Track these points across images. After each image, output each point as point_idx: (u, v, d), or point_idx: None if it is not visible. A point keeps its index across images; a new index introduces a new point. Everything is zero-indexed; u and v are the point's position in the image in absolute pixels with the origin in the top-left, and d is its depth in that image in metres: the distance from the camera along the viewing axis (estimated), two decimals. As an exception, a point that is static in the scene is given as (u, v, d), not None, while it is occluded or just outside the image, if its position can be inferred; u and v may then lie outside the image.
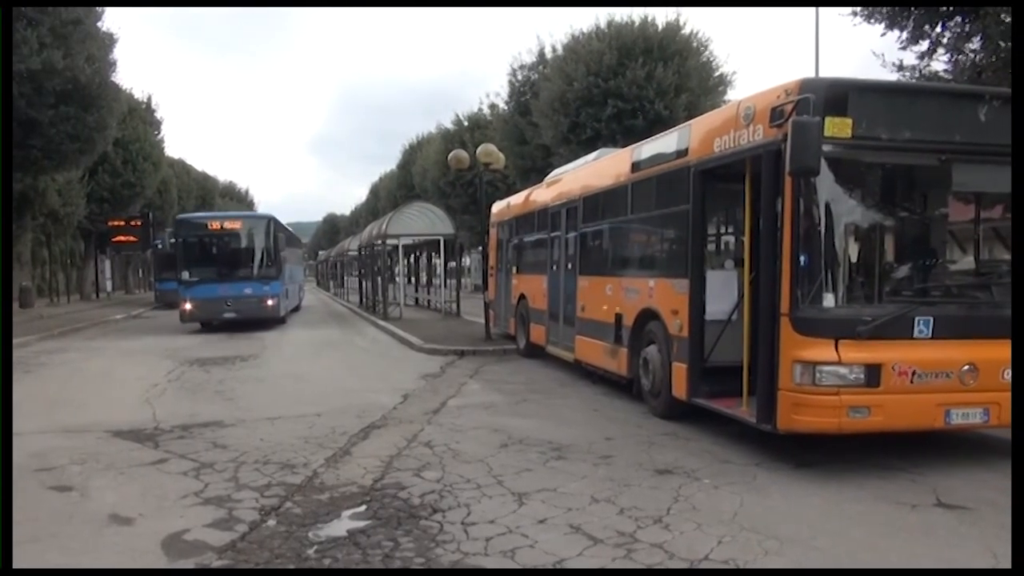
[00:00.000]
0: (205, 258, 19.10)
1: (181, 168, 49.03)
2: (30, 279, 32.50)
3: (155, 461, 6.26)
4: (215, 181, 60.17)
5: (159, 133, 37.12)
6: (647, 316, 7.96)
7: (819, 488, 5.39)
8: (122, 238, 37.38)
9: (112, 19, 20.75)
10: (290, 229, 26.89)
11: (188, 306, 18.63)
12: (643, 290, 8.08)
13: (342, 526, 4.67)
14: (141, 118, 34.43)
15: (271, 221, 19.74)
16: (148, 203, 37.05)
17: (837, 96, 5.54)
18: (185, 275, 18.69)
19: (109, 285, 44.03)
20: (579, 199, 10.27)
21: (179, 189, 44.11)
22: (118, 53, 21.31)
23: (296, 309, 26.76)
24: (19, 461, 6.25)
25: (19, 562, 4.05)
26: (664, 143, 7.87)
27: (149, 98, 37.11)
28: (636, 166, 8.43)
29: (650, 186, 8.11)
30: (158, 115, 37.41)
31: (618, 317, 8.68)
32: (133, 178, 33.52)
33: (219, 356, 13.54)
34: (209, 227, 19.36)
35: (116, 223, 35.74)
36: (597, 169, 10.05)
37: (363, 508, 4.98)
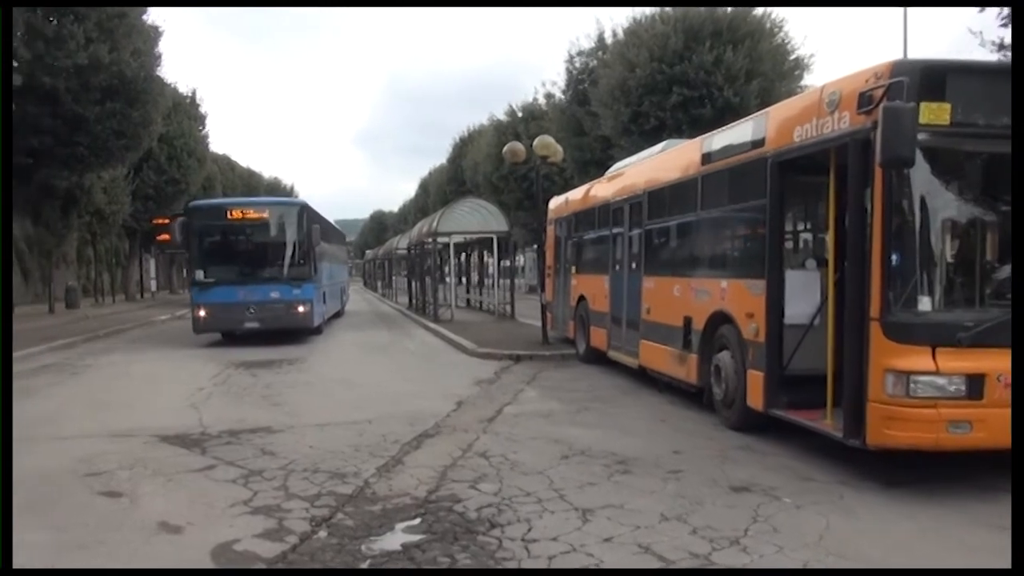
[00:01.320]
0: (223, 254, 16.74)
1: (226, 164, 50.45)
2: (75, 279, 33.84)
3: (203, 468, 6.41)
4: (260, 177, 61.67)
5: (203, 128, 38.23)
6: (719, 319, 7.83)
7: (913, 510, 5.21)
8: (165, 236, 38.60)
9: (155, 11, 21.28)
10: (329, 220, 24.10)
11: (202, 313, 16.23)
12: (715, 291, 7.95)
13: (396, 540, 4.70)
14: (186, 113, 35.53)
15: (303, 209, 17.17)
16: (192, 200, 38.21)
17: (933, 79, 5.34)
18: (199, 275, 16.38)
19: (153, 285, 45.50)
20: (643, 194, 10.17)
21: (224, 185, 45.35)
22: (162, 46, 22.06)
23: (338, 314, 24.86)
24: (67, 465, 6.52)
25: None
26: (738, 133, 7.73)
27: (193, 92, 38.26)
28: (707, 158, 8.31)
29: (722, 179, 7.99)
30: (202, 110, 38.56)
31: (687, 320, 8.56)
32: (178, 175, 34.61)
33: (265, 359, 13.84)
34: (228, 216, 16.68)
35: (160, 221, 36.93)
36: (663, 161, 9.94)
37: (417, 521, 5.00)
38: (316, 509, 5.25)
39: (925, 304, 5.37)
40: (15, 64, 17.56)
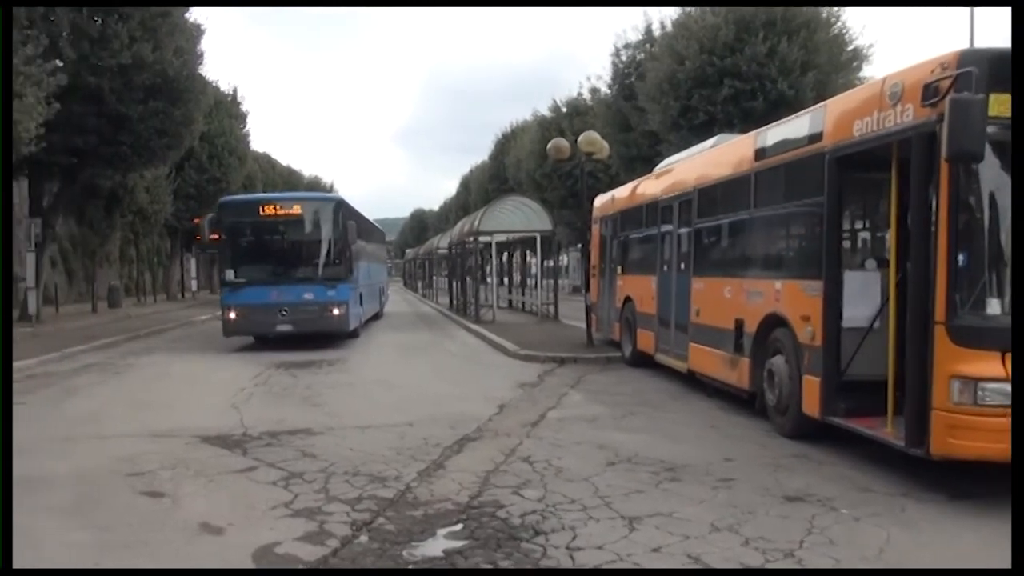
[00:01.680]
0: (255, 252, 16.33)
1: (266, 162, 51.33)
2: (118, 278, 34.76)
3: (244, 469, 6.53)
4: (300, 175, 62.58)
5: (244, 126, 38.93)
6: (773, 322, 7.72)
7: (979, 523, 5.07)
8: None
9: (197, 9, 21.69)
10: (367, 217, 23.58)
11: (232, 315, 15.84)
12: (768, 293, 7.84)
13: (437, 546, 4.73)
14: (227, 111, 36.22)
15: (339, 205, 16.74)
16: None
17: (1004, 69, 5.19)
18: (229, 275, 16.00)
19: (194, 284, 46.49)
20: (693, 191, 10.08)
21: (264, 184, 46.12)
22: (204, 44, 22.53)
23: (377, 316, 24.44)
24: (109, 465, 6.70)
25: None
26: (794, 127, 7.61)
27: (234, 90, 38.97)
28: (761, 153, 8.20)
29: (777, 175, 7.88)
30: (243, 107, 39.24)
31: (738, 323, 8.46)
32: (219, 173, 35.29)
33: (305, 360, 14.04)
34: (260, 212, 16.12)
35: (200, 221, 37.76)
36: (715, 157, 9.84)
37: (459, 527, 5.02)
38: (357, 513, 5.31)
39: (994, 307, 5.23)
40: (60, 64, 18.11)
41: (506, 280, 34.10)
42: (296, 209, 16.33)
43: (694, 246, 10.05)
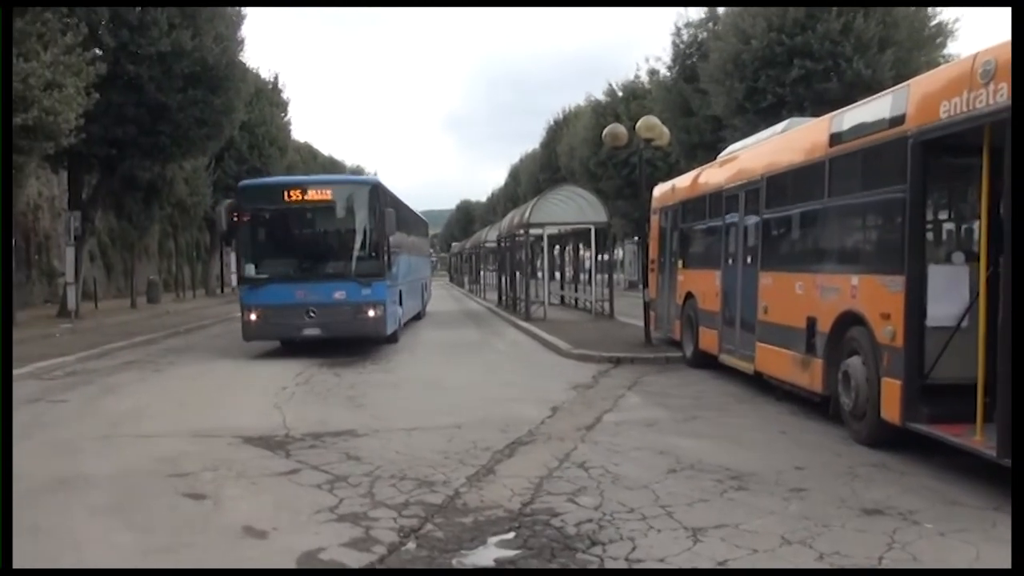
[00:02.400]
0: (279, 244, 15.24)
1: (307, 153, 52.15)
2: (157, 273, 35.65)
3: (287, 471, 6.64)
4: (342, 165, 63.45)
5: (285, 115, 39.62)
6: (848, 320, 7.57)
7: (1082, 543, 4.88)
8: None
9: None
10: (408, 206, 22.22)
11: (253, 316, 14.65)
12: (844, 289, 7.69)
13: (488, 555, 4.75)
14: (267, 99, 36.90)
15: (376, 189, 15.21)
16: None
17: (1111, 42, 4.98)
18: (249, 270, 14.83)
19: (234, 279, 47.40)
20: (761, 179, 9.94)
21: (305, 175, 46.86)
22: (244, 31, 22.96)
23: (418, 316, 23.21)
24: (150, 465, 6.88)
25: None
26: (873, 109, 7.43)
27: (275, 77, 39.69)
28: (836, 138, 8.04)
29: (854, 162, 7.72)
30: (284, 95, 39.92)
31: (811, 321, 8.32)
32: (259, 164, 35.97)
33: (348, 358, 14.22)
34: (285, 198, 14.84)
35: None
36: (785, 143, 9.70)
37: (511, 535, 5.03)
38: (404, 519, 5.35)
39: (1098, 304, 5.02)
40: (99, 52, 18.67)
41: (558, 275, 34.05)
42: (326, 194, 15.11)
43: (762, 238, 9.91)
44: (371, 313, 14.69)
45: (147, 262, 37.13)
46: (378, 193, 15.08)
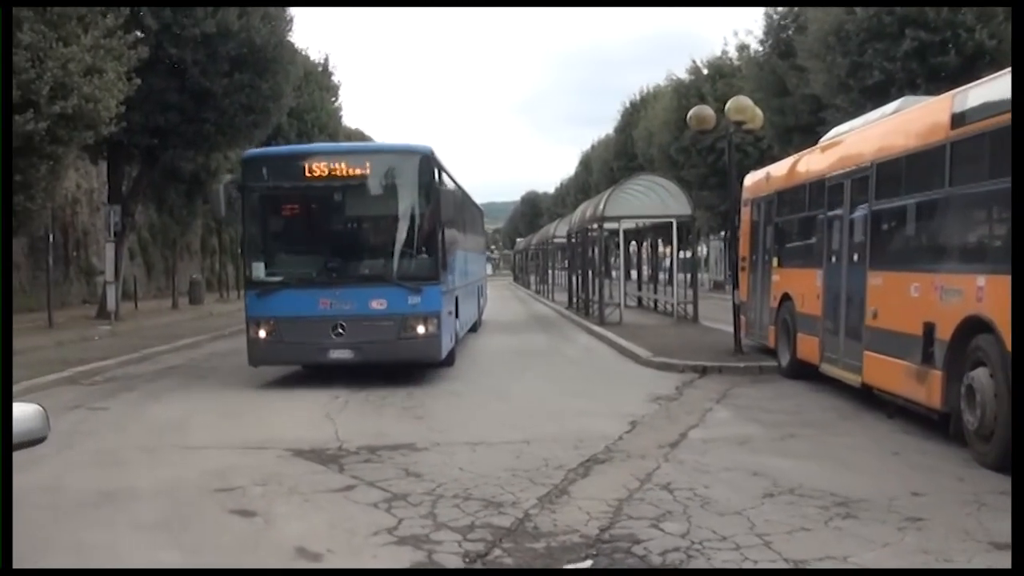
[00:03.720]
0: (296, 236, 13.04)
1: (359, 140, 52.79)
2: (199, 271, 36.62)
3: (341, 488, 6.75)
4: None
5: (336, 100, 40.20)
6: (973, 327, 7.36)
7: None
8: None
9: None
10: (463, 187, 18.72)
11: (261, 332, 12.17)
12: (968, 291, 7.47)
13: (564, 584, 4.73)
14: (317, 83, 37.51)
15: (428, 161, 12.41)
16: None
17: None
18: (257, 271, 12.39)
19: (280, 278, 48.45)
20: (870, 166, 9.74)
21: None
22: (293, 9, 23.40)
23: (473, 328, 20.44)
24: (197, 479, 7.07)
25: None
26: (1003, 85, 7.18)
27: (326, 59, 40.28)
28: (959, 119, 7.82)
29: (981, 146, 7.48)
30: (335, 79, 40.52)
31: (928, 328, 8.11)
32: (308, 153, 36.58)
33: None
34: (306, 173, 12.19)
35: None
36: (898, 125, 9.49)
37: (588, 564, 5.02)
38: (470, 543, 5.38)
39: None
40: (140, 35, 19.24)
41: (634, 274, 33.88)
42: (362, 167, 12.30)
43: (871, 233, 9.71)
44: (421, 329, 12.11)
45: (189, 260, 38.19)
46: (431, 166, 12.42)
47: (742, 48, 32.59)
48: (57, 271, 26.53)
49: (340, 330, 11.96)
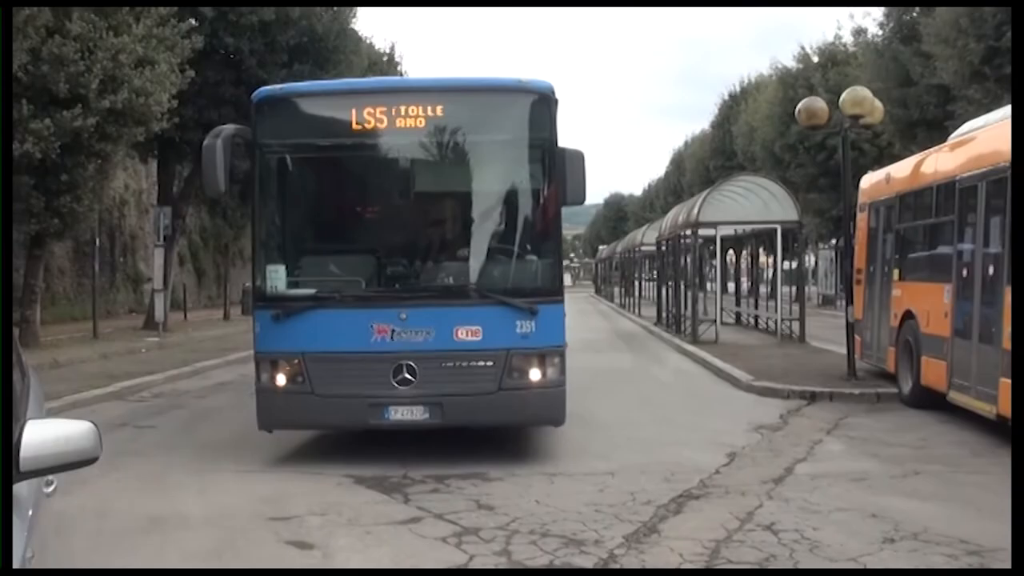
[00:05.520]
0: (334, 223, 9.95)
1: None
2: (252, 280, 37.39)
3: (406, 520, 6.83)
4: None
5: (403, 93, 40.70)
6: None
7: None
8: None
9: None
10: None
11: (279, 379, 8.83)
12: (1124, 310, 7.20)
13: (654, 635, 4.71)
14: (382, 74, 38.07)
15: (546, 103, 8.84)
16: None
17: None
18: (273, 277, 9.12)
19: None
20: (1008, 167, 9.46)
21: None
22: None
23: None
24: (250, 506, 7.24)
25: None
26: None
27: (392, 48, 40.87)
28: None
29: None
30: (401, 69, 41.08)
31: (1077, 352, 7.84)
32: (371, 151, 37.16)
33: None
34: (354, 123, 8.82)
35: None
36: (1042, 118, 9.20)
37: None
38: (548, 585, 5.40)
39: None
40: (194, 23, 19.83)
41: (731, 287, 33.57)
42: (445, 113, 8.93)
43: (1010, 243, 9.43)
44: (536, 375, 8.64)
45: (242, 267, 39.03)
46: (552, 112, 8.90)
47: (858, 32, 31.88)
48: (103, 278, 27.36)
49: (407, 375, 8.47)
